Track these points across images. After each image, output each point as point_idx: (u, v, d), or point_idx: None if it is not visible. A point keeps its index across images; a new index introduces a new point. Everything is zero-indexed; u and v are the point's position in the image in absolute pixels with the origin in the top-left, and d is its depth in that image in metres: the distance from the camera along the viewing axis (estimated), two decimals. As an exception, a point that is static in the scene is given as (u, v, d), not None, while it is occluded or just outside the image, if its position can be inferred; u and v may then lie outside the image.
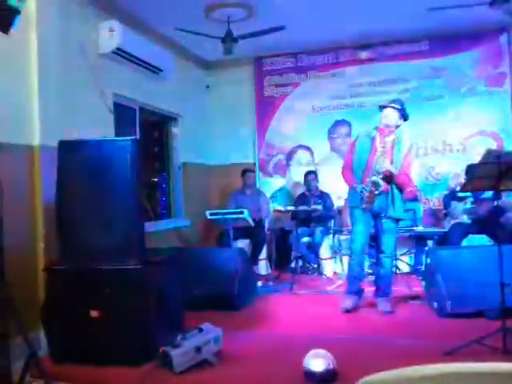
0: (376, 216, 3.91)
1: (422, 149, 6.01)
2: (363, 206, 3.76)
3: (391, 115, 3.87)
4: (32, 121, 3.42)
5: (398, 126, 3.93)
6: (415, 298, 4.23)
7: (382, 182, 3.69)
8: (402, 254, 5.35)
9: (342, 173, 4.05)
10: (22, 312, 2.49)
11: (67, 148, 3.05)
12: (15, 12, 2.41)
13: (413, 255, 5.47)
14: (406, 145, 3.89)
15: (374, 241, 4.11)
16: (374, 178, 3.70)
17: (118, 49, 4.37)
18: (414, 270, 5.28)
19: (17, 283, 2.69)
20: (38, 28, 3.45)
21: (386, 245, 3.91)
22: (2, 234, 2.45)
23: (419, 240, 5.36)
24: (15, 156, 3.26)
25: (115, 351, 2.83)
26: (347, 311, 3.91)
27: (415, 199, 5.53)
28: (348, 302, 3.95)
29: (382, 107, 3.96)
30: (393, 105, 3.90)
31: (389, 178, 3.74)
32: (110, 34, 4.28)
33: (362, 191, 3.75)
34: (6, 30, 2.45)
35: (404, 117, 3.93)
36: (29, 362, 2.41)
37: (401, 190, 3.86)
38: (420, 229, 5.19)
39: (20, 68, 3.36)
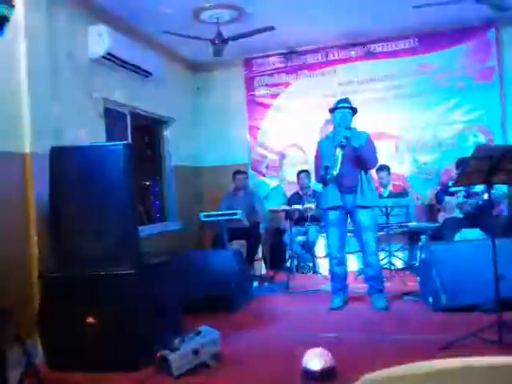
0: (349, 213, 3.99)
1: (414, 145, 6.05)
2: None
3: (347, 115, 3.99)
4: (23, 128, 3.40)
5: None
6: (410, 293, 4.25)
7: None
8: (396, 250, 5.37)
9: (316, 178, 4.18)
10: (18, 321, 2.48)
11: (59, 154, 3.04)
12: (4, 19, 2.42)
13: (407, 251, 5.50)
14: (364, 136, 4.00)
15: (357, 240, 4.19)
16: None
17: (107, 53, 4.37)
18: (409, 266, 5.31)
19: (12, 292, 2.68)
20: (27, 35, 3.43)
21: (366, 243, 3.97)
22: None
23: (413, 235, 5.40)
24: (6, 164, 3.24)
25: (113, 356, 2.81)
26: (334, 309, 3.97)
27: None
28: (335, 301, 4.03)
29: (334, 109, 4.05)
30: (344, 105, 4.02)
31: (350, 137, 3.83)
32: (99, 39, 4.27)
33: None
34: (-6, 38, 2.45)
35: (354, 112, 4.07)
36: (26, 371, 2.40)
37: (366, 162, 3.90)
38: (413, 224, 5.23)
39: (9, 76, 3.34)
